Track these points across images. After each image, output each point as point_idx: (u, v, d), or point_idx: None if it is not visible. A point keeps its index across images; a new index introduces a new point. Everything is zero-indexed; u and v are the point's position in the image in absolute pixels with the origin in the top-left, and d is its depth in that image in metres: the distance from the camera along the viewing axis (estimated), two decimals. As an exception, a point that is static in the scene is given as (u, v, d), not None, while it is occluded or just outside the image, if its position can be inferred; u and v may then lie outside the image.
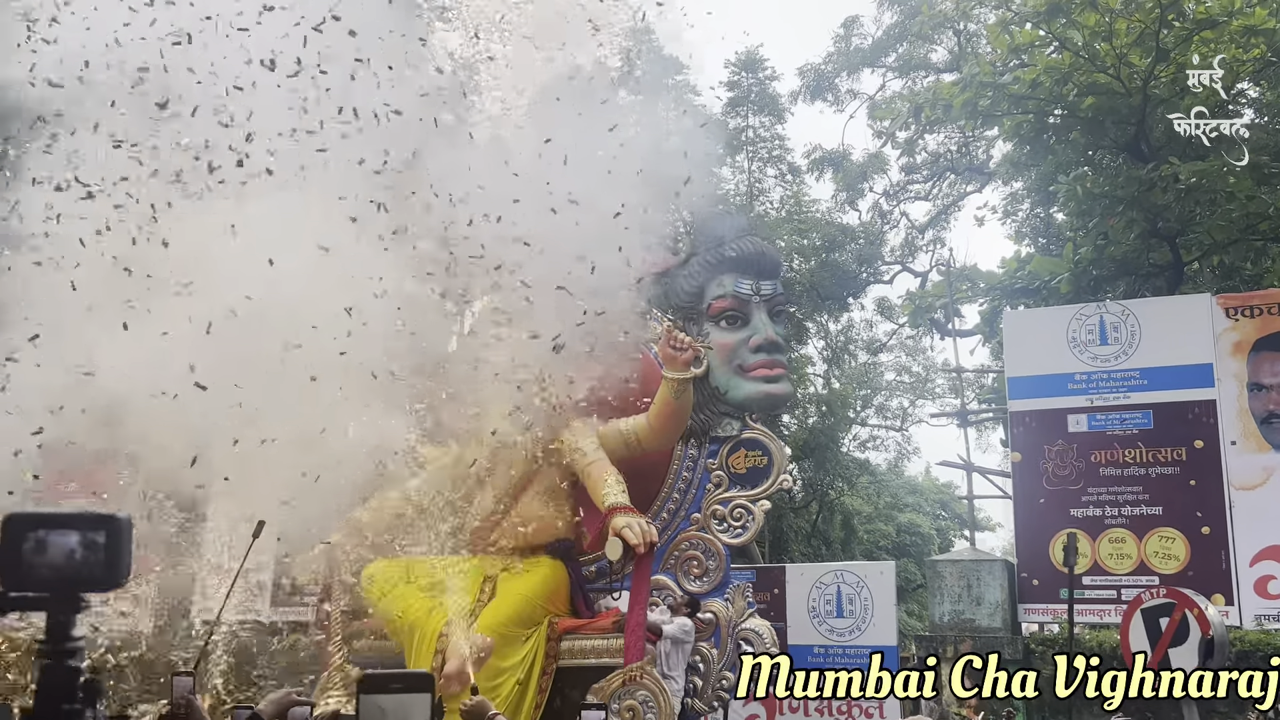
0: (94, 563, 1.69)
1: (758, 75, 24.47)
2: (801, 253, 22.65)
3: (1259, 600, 11.11)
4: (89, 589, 1.72)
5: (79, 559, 1.69)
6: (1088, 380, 12.32)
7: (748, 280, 9.59)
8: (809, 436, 23.10)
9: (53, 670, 1.70)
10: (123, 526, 1.74)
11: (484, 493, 8.69)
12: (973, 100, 14.23)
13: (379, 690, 2.25)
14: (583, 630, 8.13)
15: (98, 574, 1.70)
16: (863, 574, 12.54)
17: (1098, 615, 11.74)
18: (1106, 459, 12.04)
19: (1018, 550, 12.53)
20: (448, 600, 8.03)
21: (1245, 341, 11.78)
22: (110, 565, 1.71)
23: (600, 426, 9.01)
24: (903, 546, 29.84)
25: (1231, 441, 11.59)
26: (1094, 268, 14.55)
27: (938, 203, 24.71)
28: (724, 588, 9.09)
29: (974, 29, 21.70)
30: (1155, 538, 11.65)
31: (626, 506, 8.03)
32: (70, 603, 1.71)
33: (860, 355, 26.84)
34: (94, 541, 1.70)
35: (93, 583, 1.71)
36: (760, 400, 9.54)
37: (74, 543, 1.69)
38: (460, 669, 7.22)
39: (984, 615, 12.12)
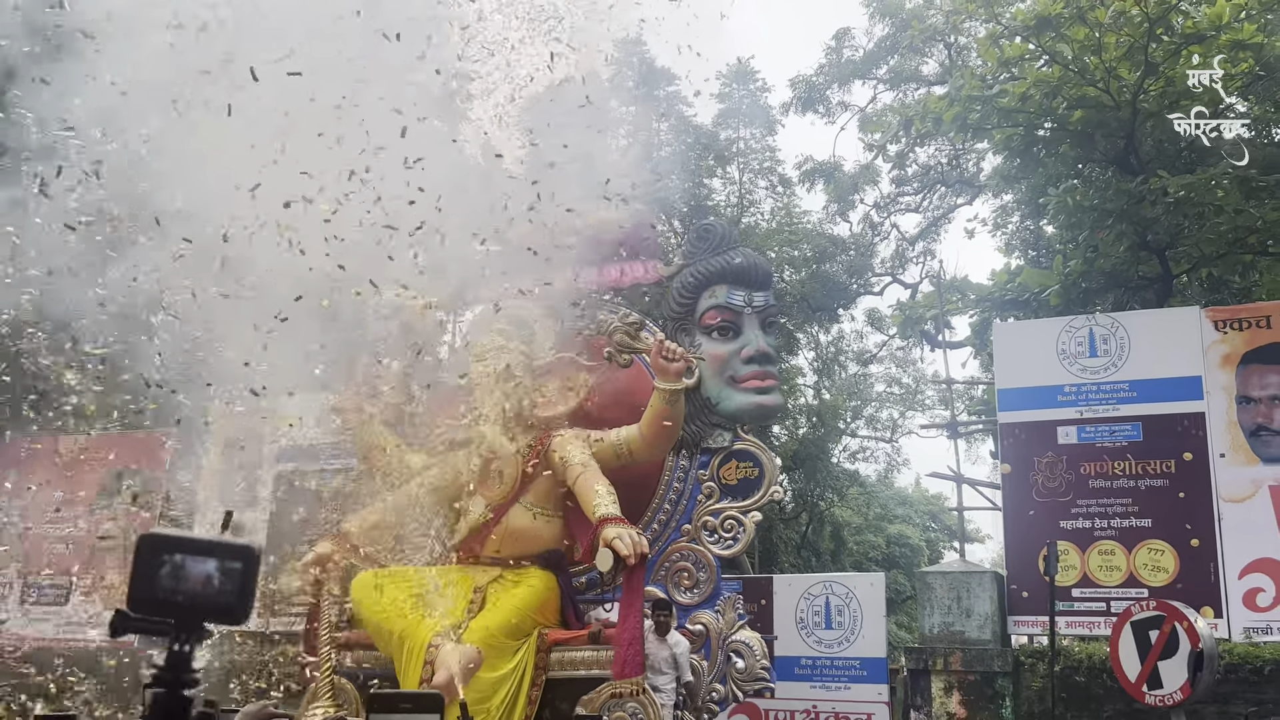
0: (228, 592, 1.66)
1: (749, 87, 24.54)
2: (792, 264, 22.69)
3: (1248, 613, 11.12)
4: (218, 619, 1.68)
5: (215, 588, 1.65)
6: (1077, 392, 12.35)
7: (740, 292, 9.61)
8: (799, 447, 23.11)
9: (167, 700, 1.65)
10: (257, 557, 1.70)
11: (474, 503, 8.68)
12: (962, 114, 14.29)
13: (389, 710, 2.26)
14: (573, 642, 8.11)
15: (229, 604, 1.67)
16: (852, 585, 12.53)
17: (1087, 627, 11.74)
18: (1096, 471, 12.06)
19: (1007, 562, 12.52)
20: (437, 611, 8.01)
21: (1234, 354, 11.82)
22: (241, 596, 1.68)
23: (591, 437, 9.01)
24: (892, 558, 29.87)
25: (1220, 454, 11.62)
26: (1083, 280, 14.59)
27: (928, 215, 24.79)
28: (715, 599, 9.08)
29: (964, 42, 21.81)
30: (1144, 550, 11.66)
31: (617, 517, 8.03)
32: (196, 632, 1.68)
33: (851, 366, 26.88)
34: (231, 570, 1.66)
35: (223, 613, 1.67)
36: (752, 411, 9.55)
37: (212, 570, 1.66)
38: (449, 680, 7.19)
39: (973, 627, 12.12)
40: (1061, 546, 11.74)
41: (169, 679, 1.65)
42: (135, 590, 1.63)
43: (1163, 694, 8.03)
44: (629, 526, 7.96)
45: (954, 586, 12.32)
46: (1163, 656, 8.07)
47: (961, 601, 12.23)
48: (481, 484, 8.51)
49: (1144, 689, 8.13)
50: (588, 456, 8.76)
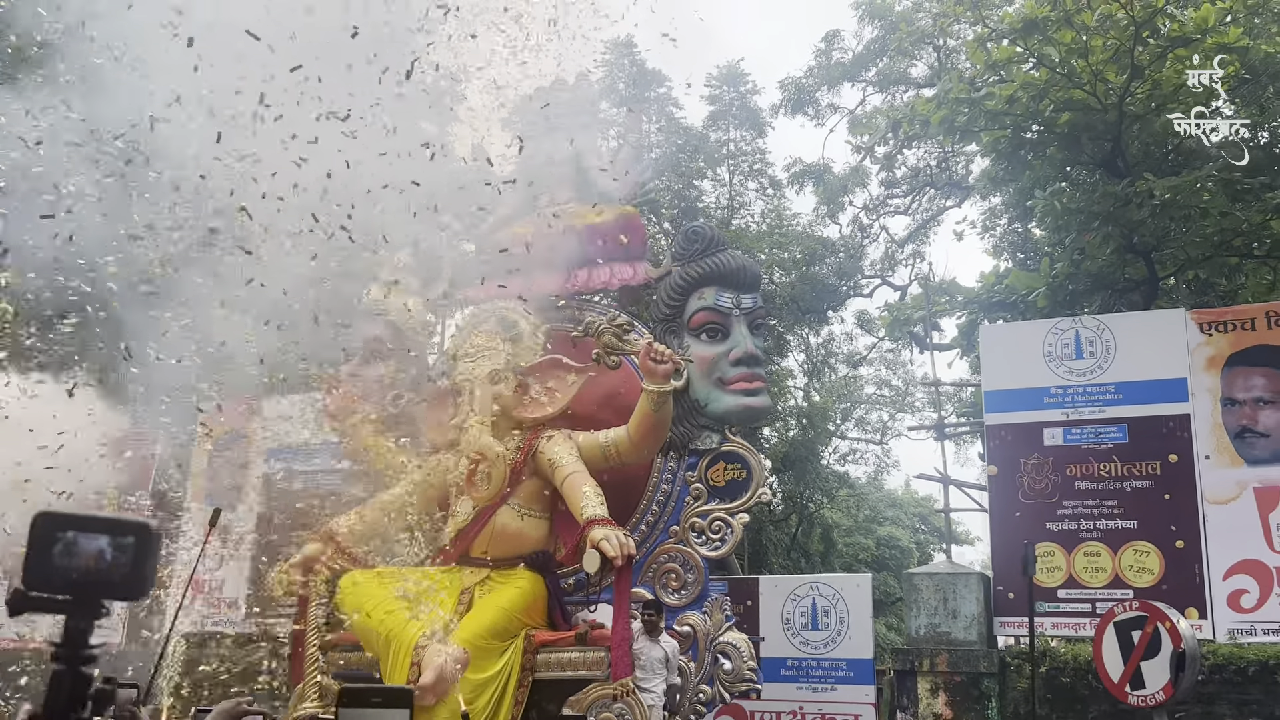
0: (121, 569, 1.64)
1: (739, 89, 24.59)
2: (782, 266, 22.73)
3: (1232, 614, 11.19)
4: (113, 596, 1.67)
5: (107, 564, 1.64)
6: (1063, 394, 12.41)
7: (728, 294, 9.64)
8: (789, 449, 23.15)
9: (65, 676, 1.65)
10: (154, 534, 1.68)
11: (462, 503, 8.69)
12: (949, 117, 14.34)
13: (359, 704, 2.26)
14: (560, 643, 8.12)
15: (124, 581, 1.65)
16: (839, 586, 12.56)
17: (1072, 629, 11.80)
18: (1082, 473, 12.12)
19: (993, 564, 12.58)
20: (424, 612, 8.02)
21: (1219, 356, 11.89)
22: (137, 574, 1.66)
23: (579, 438, 9.03)
24: (882, 560, 29.91)
25: (1205, 456, 11.68)
26: (1070, 282, 14.65)
27: (917, 217, 24.85)
28: (702, 601, 9.10)
29: (953, 45, 21.88)
30: (1130, 551, 11.72)
31: (605, 519, 8.05)
32: (92, 609, 1.66)
33: (840, 369, 26.93)
34: (124, 546, 1.65)
35: (118, 590, 1.66)
36: (740, 413, 9.58)
37: (104, 546, 1.64)
38: (436, 681, 7.20)
39: (960, 628, 12.16)
40: (1047, 548, 11.81)
41: (67, 656, 1.64)
42: (30, 568, 1.62)
43: (1145, 694, 8.07)
44: (616, 528, 7.98)
45: (940, 588, 12.37)
46: (1145, 657, 8.11)
47: (948, 603, 12.27)
48: (469, 485, 8.51)
49: (1127, 689, 8.17)
50: (576, 458, 8.77)
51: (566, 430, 9.15)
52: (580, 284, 10.31)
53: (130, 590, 1.66)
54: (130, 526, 1.66)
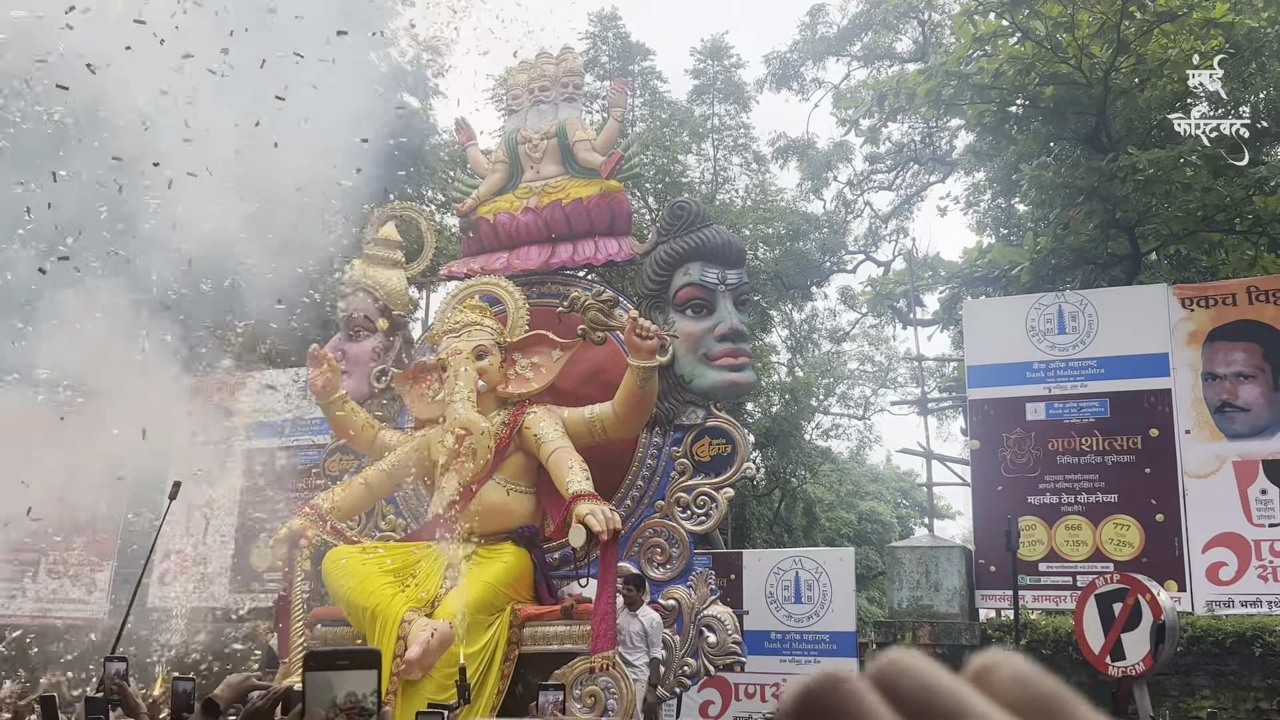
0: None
1: (723, 63, 24.49)
2: (766, 241, 22.71)
3: (1210, 586, 11.32)
4: None
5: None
6: (1046, 369, 12.47)
7: (713, 269, 9.62)
8: (772, 424, 23.22)
9: None
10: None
11: (448, 479, 8.68)
12: (936, 89, 14.33)
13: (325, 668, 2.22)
14: (545, 617, 8.15)
15: None
16: (821, 560, 12.64)
17: (1053, 601, 11.92)
18: (1064, 447, 12.21)
19: (975, 538, 12.67)
20: (410, 587, 8.02)
21: (1200, 331, 11.97)
22: None
23: (565, 413, 9.02)
24: (864, 534, 30.10)
25: (1186, 430, 11.78)
26: (1053, 257, 14.72)
27: (901, 193, 24.86)
28: (687, 575, 9.13)
29: (938, 19, 21.84)
30: (1110, 525, 11.83)
31: (590, 494, 8.05)
32: None
33: (824, 344, 26.99)
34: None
35: None
36: (725, 389, 9.58)
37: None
38: (422, 655, 7.21)
39: (942, 601, 12.26)
40: (1029, 521, 11.90)
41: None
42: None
43: (1125, 665, 8.17)
44: (602, 503, 7.98)
45: (923, 561, 12.46)
46: (1126, 629, 8.20)
47: (930, 576, 12.37)
48: (454, 460, 8.50)
49: (1107, 660, 8.27)
50: (561, 433, 8.77)
51: (551, 406, 9.15)
52: (564, 259, 10.28)
53: None
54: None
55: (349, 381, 9.97)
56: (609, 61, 23.42)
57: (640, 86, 23.58)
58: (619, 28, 23.73)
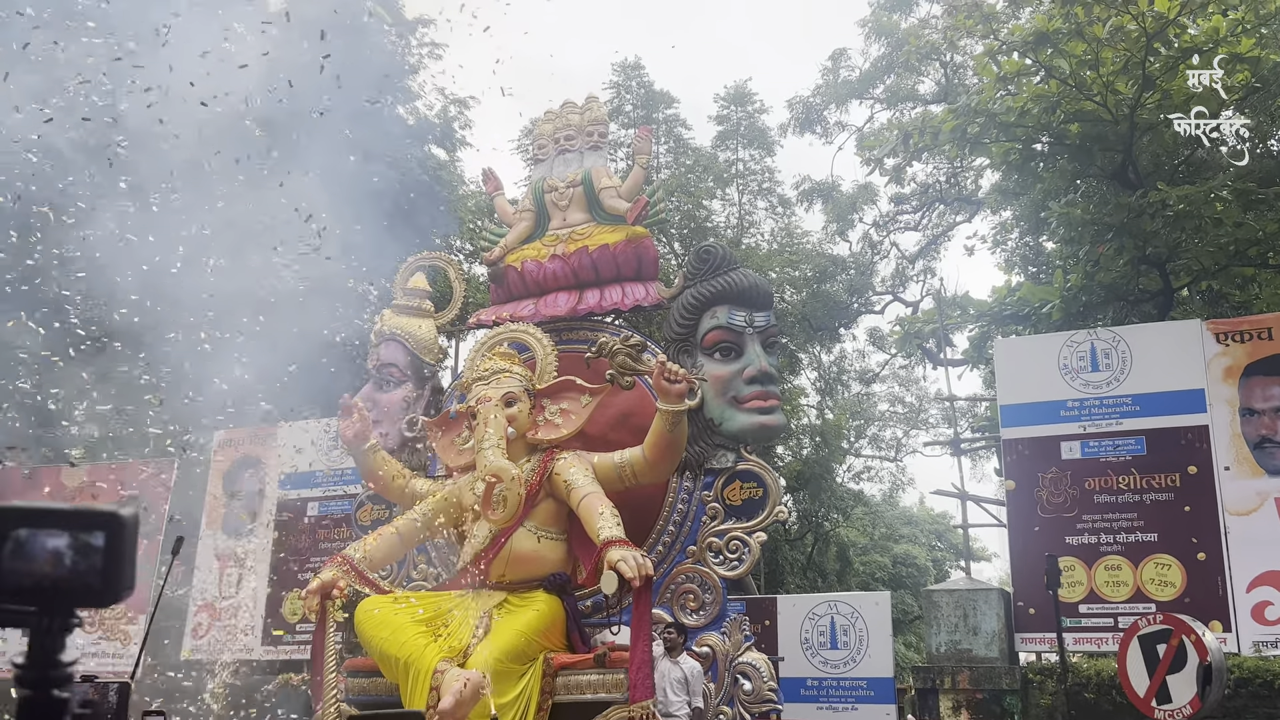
0: (88, 570, 1.36)
1: (746, 108, 24.67)
2: (793, 284, 22.73)
3: (1257, 626, 11.06)
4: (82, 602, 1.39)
5: (69, 565, 1.36)
6: (1080, 407, 12.33)
7: (740, 312, 9.61)
8: (803, 468, 23.08)
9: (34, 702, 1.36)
10: (126, 526, 1.39)
11: (478, 527, 8.65)
12: (961, 126, 14.33)
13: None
14: (579, 665, 8.06)
15: (93, 584, 1.36)
16: (857, 604, 12.48)
17: (1095, 644, 11.68)
18: (1100, 486, 12.03)
19: (1013, 579, 12.47)
20: (442, 637, 7.97)
21: (1236, 366, 11.80)
22: (109, 574, 1.37)
23: (594, 459, 8.99)
24: (899, 578, 29.76)
25: (1225, 467, 11.58)
26: (1084, 294, 14.60)
27: (927, 233, 24.84)
28: (721, 621, 9.03)
29: (960, 60, 21.91)
30: (1151, 564, 11.61)
31: (622, 540, 7.99)
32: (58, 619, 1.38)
33: (853, 386, 26.88)
34: (87, 546, 1.37)
35: (84, 595, 1.37)
36: (755, 431, 9.53)
37: (63, 546, 1.36)
38: (455, 706, 7.14)
39: (981, 645, 12.06)
40: (1068, 562, 11.70)
41: (35, 677, 1.36)
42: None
43: (1172, 709, 7.97)
44: (633, 549, 7.92)
45: (960, 605, 12.27)
46: (1171, 671, 8.01)
47: (968, 619, 12.17)
48: (485, 508, 8.47)
49: (1153, 704, 8.07)
50: (591, 479, 8.73)
51: (581, 451, 9.12)
52: (592, 305, 10.31)
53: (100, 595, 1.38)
54: (96, 519, 1.38)
55: (379, 430, 10.01)
56: (633, 110, 23.65)
57: (664, 134, 23.78)
58: (642, 76, 23.98)
